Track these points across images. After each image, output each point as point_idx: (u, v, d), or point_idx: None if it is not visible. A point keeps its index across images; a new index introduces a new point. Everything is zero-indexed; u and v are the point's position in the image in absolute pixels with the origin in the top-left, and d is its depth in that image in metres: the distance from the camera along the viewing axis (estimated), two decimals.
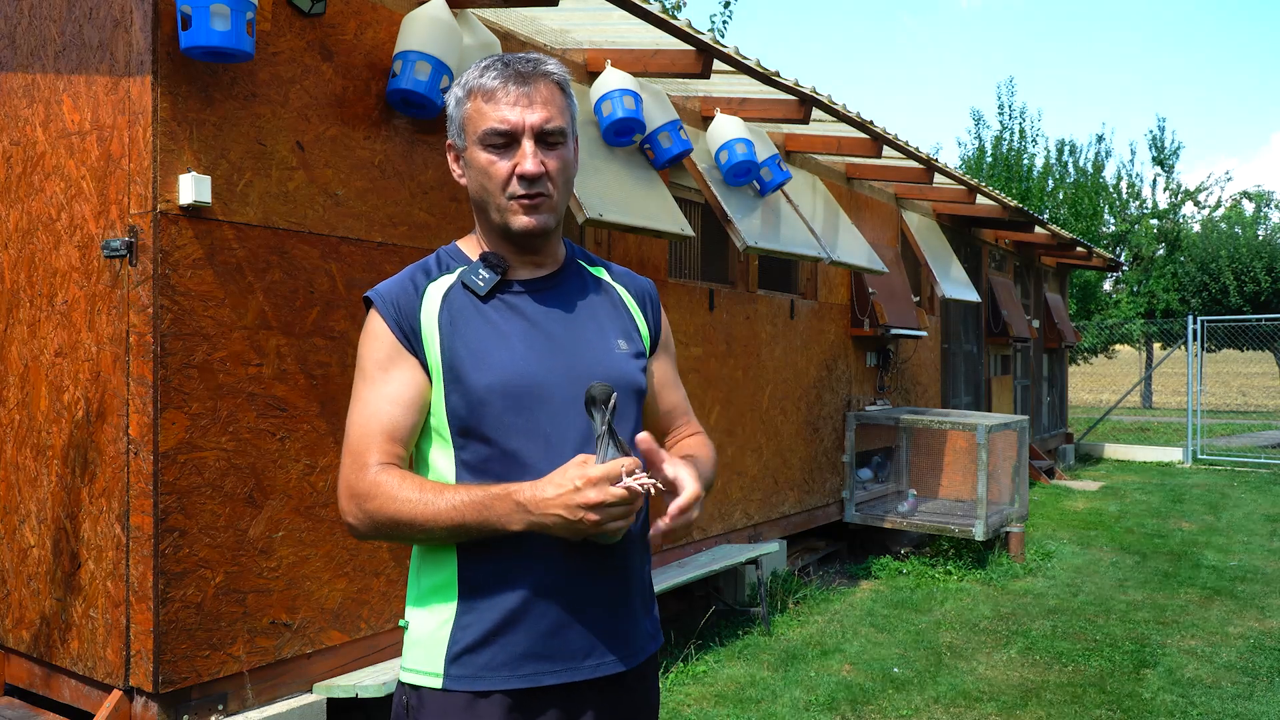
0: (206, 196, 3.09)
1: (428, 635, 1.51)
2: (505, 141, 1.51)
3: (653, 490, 1.40)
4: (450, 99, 1.58)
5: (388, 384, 1.51)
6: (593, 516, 1.35)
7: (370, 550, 3.65)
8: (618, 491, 1.34)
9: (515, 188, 1.51)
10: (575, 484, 1.35)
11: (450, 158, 1.62)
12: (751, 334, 6.14)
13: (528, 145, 1.50)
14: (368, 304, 1.56)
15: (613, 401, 1.42)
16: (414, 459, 1.57)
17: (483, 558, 1.48)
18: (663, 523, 1.44)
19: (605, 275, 1.70)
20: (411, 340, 1.52)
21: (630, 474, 1.36)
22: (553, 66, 1.55)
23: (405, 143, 3.83)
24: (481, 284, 1.55)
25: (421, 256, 1.76)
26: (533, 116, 1.50)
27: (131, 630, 3.07)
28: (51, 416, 3.36)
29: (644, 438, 1.45)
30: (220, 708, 3.19)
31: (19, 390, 3.50)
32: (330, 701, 3.50)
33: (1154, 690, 4.51)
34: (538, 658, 1.48)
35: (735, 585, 5.76)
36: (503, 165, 1.51)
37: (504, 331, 1.53)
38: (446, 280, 1.57)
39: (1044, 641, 5.24)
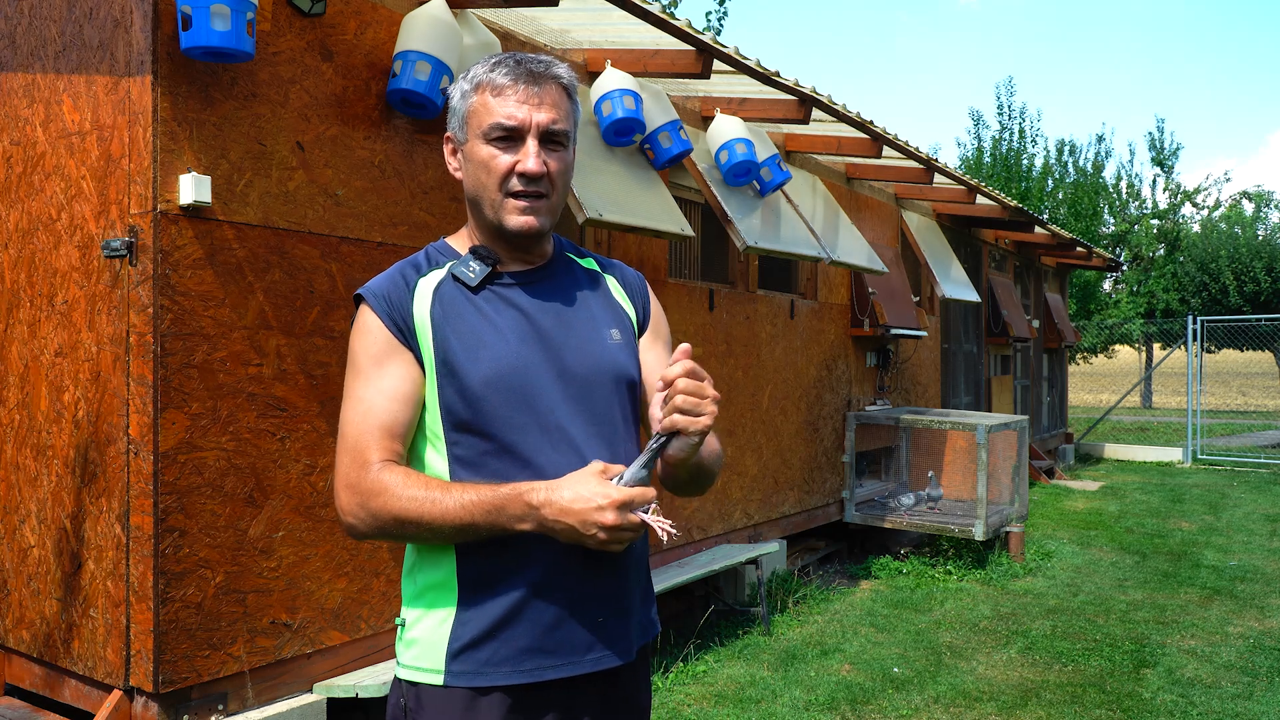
0: (206, 196, 3.09)
1: (427, 632, 1.50)
2: (509, 138, 1.50)
3: (666, 537, 1.40)
4: (455, 92, 1.57)
5: (383, 379, 1.49)
6: (603, 536, 1.35)
7: (370, 550, 3.65)
8: (634, 519, 1.35)
9: (514, 184, 1.51)
10: (598, 502, 1.34)
11: (447, 150, 1.60)
12: (751, 334, 6.14)
13: (532, 144, 1.50)
14: (358, 301, 1.55)
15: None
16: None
17: (482, 556, 1.47)
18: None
19: (595, 266, 1.70)
20: (405, 334, 1.50)
21: (649, 503, 1.37)
22: (562, 70, 1.55)
23: (405, 143, 3.83)
24: (472, 276, 1.54)
25: None
26: (540, 116, 1.50)
27: (132, 630, 3.07)
28: (51, 416, 3.36)
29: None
30: (220, 707, 3.19)
31: (19, 390, 3.50)
32: (330, 701, 3.50)
33: (1154, 690, 4.51)
34: (540, 652, 1.47)
35: (735, 585, 5.76)
36: (504, 160, 1.50)
37: (497, 324, 1.52)
38: (436, 275, 1.55)
39: (1044, 641, 5.24)
